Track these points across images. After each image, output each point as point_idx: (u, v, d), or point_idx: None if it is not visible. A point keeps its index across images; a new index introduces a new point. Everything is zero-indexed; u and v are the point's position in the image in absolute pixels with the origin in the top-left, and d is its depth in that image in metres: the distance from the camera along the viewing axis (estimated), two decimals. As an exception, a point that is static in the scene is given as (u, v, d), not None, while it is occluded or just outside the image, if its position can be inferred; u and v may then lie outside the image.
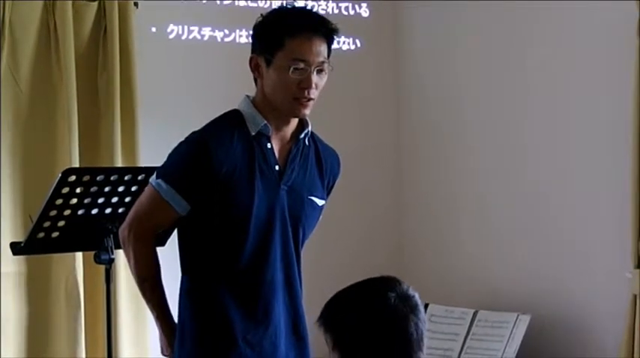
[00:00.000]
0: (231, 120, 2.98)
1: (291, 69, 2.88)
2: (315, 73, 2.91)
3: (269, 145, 2.98)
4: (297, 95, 2.91)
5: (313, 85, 2.91)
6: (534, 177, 5.05)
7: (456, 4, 5.41)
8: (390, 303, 2.26)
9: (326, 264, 5.09)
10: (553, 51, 4.97)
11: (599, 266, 4.74)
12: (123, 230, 3.03)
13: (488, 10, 5.27)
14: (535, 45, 5.06)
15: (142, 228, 2.99)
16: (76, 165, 4.53)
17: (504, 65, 5.22)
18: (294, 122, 3.03)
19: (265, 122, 2.96)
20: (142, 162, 4.70)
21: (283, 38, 2.89)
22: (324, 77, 2.95)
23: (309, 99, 2.93)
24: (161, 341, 3.10)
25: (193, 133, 2.97)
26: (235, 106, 3.03)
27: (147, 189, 3.02)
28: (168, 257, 3.11)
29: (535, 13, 5.01)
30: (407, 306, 2.28)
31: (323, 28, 2.93)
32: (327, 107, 3.50)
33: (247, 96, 3.02)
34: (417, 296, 2.31)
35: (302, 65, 2.89)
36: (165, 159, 3.01)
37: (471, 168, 5.39)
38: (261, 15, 2.99)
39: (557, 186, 4.94)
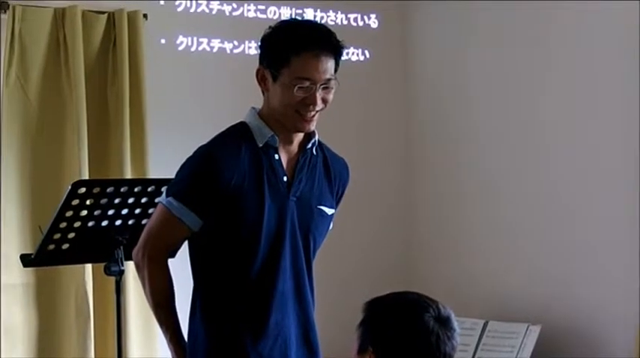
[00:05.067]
0: (237, 133, 2.98)
1: (296, 87, 2.87)
2: (320, 89, 2.90)
3: (276, 156, 2.98)
4: (301, 112, 2.91)
5: (318, 102, 2.90)
6: (546, 183, 5.03)
7: (465, 15, 5.41)
8: (430, 328, 2.36)
9: (335, 270, 5.08)
10: (565, 53, 4.95)
11: (611, 276, 4.72)
12: (137, 253, 3.01)
13: (498, 19, 5.27)
14: (546, 49, 5.03)
15: (156, 247, 2.98)
16: (86, 176, 4.54)
17: (514, 74, 5.20)
18: (301, 133, 3.02)
19: (272, 133, 2.96)
20: (152, 174, 4.72)
21: (289, 56, 2.87)
22: (331, 92, 2.94)
23: (314, 115, 2.93)
24: None
25: (200, 148, 2.96)
26: (244, 118, 3.03)
27: (157, 208, 3.00)
28: (180, 276, 3.08)
29: (547, 15, 4.99)
30: (447, 329, 2.38)
31: (329, 45, 2.91)
32: (337, 118, 3.51)
33: (253, 108, 3.02)
34: (452, 315, 2.41)
35: (307, 84, 2.88)
36: (173, 171, 3.00)
37: (481, 179, 5.38)
38: (270, 27, 2.98)
39: (569, 192, 4.91)
